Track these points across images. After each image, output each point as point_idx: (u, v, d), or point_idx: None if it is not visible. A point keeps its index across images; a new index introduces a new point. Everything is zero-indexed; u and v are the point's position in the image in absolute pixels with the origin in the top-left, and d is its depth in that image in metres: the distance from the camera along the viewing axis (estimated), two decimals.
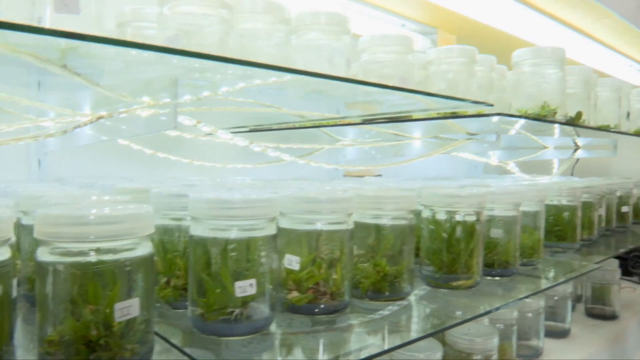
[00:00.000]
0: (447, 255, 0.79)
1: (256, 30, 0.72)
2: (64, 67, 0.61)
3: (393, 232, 0.71)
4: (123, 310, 0.47)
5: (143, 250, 0.50)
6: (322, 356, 0.57)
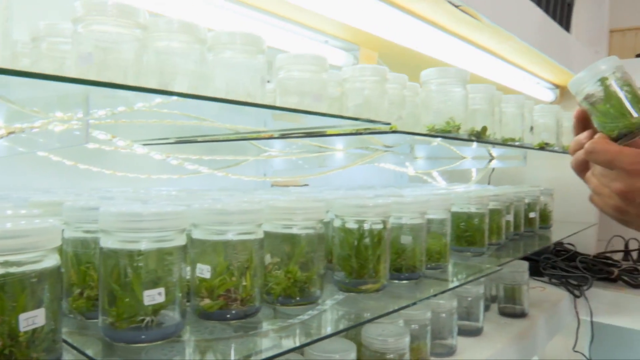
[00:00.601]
0: (356, 261, 0.85)
1: (173, 48, 0.75)
2: None
3: (303, 241, 0.76)
4: (28, 321, 0.49)
5: (49, 262, 0.52)
6: (234, 356, 0.61)
